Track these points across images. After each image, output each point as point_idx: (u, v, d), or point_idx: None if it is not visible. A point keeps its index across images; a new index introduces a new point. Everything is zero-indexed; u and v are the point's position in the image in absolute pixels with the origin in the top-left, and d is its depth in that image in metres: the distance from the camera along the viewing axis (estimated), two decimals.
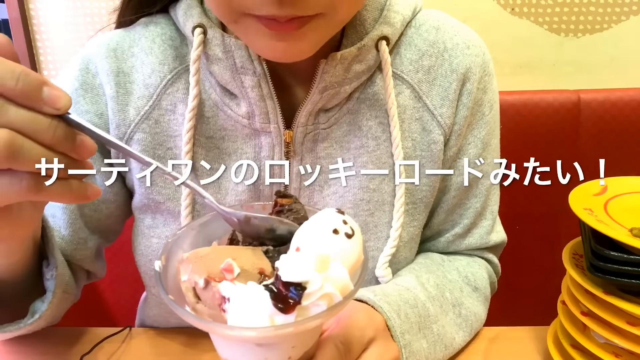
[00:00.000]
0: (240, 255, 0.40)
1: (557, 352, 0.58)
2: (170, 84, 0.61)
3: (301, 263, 0.36)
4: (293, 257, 0.37)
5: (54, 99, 0.38)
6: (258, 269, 0.39)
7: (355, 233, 0.39)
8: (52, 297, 0.55)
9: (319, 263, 0.36)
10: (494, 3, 1.08)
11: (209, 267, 0.38)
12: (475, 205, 0.68)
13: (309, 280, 0.35)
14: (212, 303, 0.37)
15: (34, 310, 0.56)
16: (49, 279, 0.56)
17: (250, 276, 0.38)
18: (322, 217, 0.39)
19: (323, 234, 0.38)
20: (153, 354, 0.66)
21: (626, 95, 1.05)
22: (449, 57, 0.63)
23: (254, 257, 0.40)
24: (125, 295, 1.14)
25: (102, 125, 0.62)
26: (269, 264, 0.40)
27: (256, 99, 0.58)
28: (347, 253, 0.38)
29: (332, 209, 0.40)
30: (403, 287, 0.61)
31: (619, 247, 0.50)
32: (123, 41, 0.63)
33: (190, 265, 0.38)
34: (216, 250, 0.41)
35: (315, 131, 0.61)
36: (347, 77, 0.59)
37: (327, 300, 0.35)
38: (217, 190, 0.62)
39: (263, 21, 0.49)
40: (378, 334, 0.50)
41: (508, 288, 0.82)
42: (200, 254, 0.39)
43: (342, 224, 0.38)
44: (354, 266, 0.38)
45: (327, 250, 0.37)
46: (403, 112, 0.62)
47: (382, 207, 0.63)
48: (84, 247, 0.66)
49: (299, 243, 0.38)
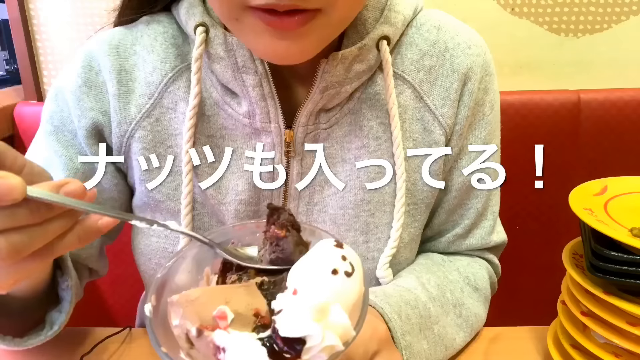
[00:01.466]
0: (233, 296, 0.38)
1: (557, 352, 0.58)
2: (172, 82, 0.61)
3: (299, 314, 0.34)
4: (290, 304, 0.35)
5: (6, 191, 0.36)
6: (253, 310, 0.37)
7: (355, 269, 0.37)
8: (69, 307, 0.56)
9: (317, 312, 0.34)
10: (494, 3, 1.08)
11: (200, 313, 0.36)
12: (476, 205, 0.68)
13: (309, 334, 0.33)
14: (206, 351, 0.36)
15: (52, 321, 0.57)
16: (64, 288, 0.57)
17: (245, 320, 0.37)
18: (320, 253, 0.38)
19: (321, 276, 0.36)
20: (153, 354, 0.65)
21: (626, 95, 1.05)
22: (450, 57, 0.63)
23: (248, 297, 0.38)
24: (125, 295, 1.14)
25: (105, 122, 0.62)
26: (264, 301, 0.38)
27: (257, 98, 0.58)
28: (346, 293, 0.36)
29: (331, 241, 0.39)
30: (404, 288, 0.61)
31: (619, 247, 0.50)
32: (125, 39, 0.63)
33: (180, 309, 0.37)
34: (207, 292, 0.39)
35: (316, 131, 0.61)
36: (348, 76, 0.59)
37: (327, 350, 0.34)
38: (217, 190, 0.62)
39: (262, 16, 0.48)
40: (382, 346, 0.50)
41: (508, 288, 0.82)
42: (191, 297, 0.37)
43: (341, 262, 0.37)
44: (355, 304, 0.37)
45: (325, 294, 0.35)
46: (404, 112, 0.62)
47: (382, 207, 0.63)
48: (89, 246, 0.66)
49: (296, 284, 0.36)
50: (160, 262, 0.64)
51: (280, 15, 0.47)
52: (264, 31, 0.49)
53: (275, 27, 0.48)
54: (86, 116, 0.61)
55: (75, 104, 0.61)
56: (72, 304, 0.57)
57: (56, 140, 0.63)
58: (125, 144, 0.62)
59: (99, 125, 0.62)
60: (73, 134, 0.62)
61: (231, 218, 0.62)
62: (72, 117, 0.62)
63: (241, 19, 0.50)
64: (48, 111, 0.64)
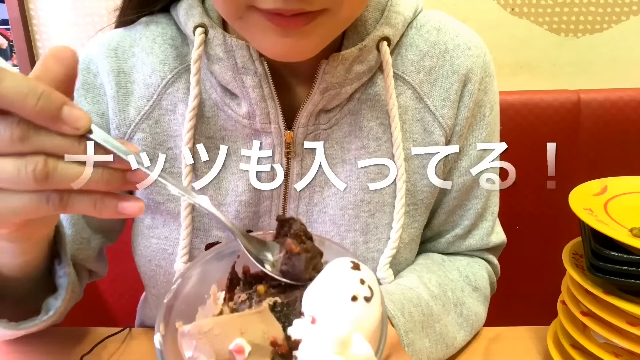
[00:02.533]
0: (248, 326, 0.36)
1: (557, 352, 0.59)
2: (171, 84, 0.61)
3: (321, 347, 0.33)
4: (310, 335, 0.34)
5: (73, 119, 0.37)
6: (269, 340, 0.36)
7: (374, 292, 0.36)
8: (65, 293, 0.55)
9: (339, 345, 0.33)
10: (494, 3, 1.08)
11: (215, 346, 0.35)
12: (476, 206, 0.68)
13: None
14: None
15: (47, 308, 0.56)
16: (61, 276, 0.56)
17: (263, 350, 0.35)
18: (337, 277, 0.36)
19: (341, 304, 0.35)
20: (153, 354, 0.65)
21: (626, 95, 1.05)
22: (450, 58, 0.63)
23: (263, 325, 0.37)
24: (125, 295, 1.14)
25: (103, 125, 0.62)
26: (279, 328, 0.37)
27: (257, 99, 0.58)
28: (367, 319, 0.35)
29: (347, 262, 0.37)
30: (406, 286, 0.61)
31: (619, 247, 0.50)
32: (124, 41, 0.63)
33: (193, 341, 0.36)
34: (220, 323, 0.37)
35: (316, 132, 0.61)
36: (348, 77, 0.59)
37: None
38: (217, 191, 0.62)
39: (268, 16, 0.48)
40: (392, 351, 0.49)
41: (508, 288, 0.82)
42: (204, 328, 0.36)
43: (359, 286, 0.35)
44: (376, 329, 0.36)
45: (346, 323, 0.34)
46: (404, 113, 0.62)
47: (382, 208, 0.63)
48: (87, 247, 0.66)
49: (314, 312, 0.35)
50: (160, 263, 0.64)
51: (287, 18, 0.48)
52: (269, 29, 0.49)
53: (282, 26, 0.49)
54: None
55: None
56: (68, 291, 0.56)
57: None
58: None
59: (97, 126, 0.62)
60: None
61: (231, 219, 0.62)
62: None
63: (245, 17, 0.50)
64: None
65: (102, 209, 0.40)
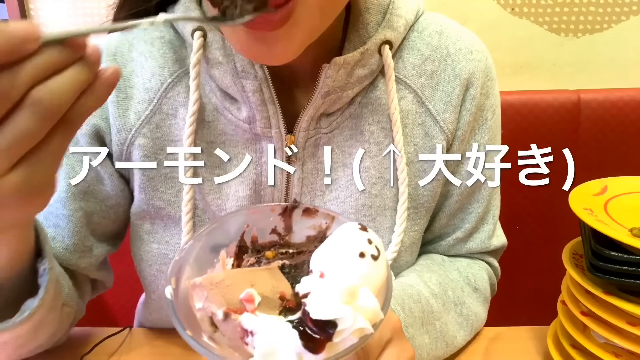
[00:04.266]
0: (258, 280, 0.38)
1: (557, 352, 0.59)
2: (171, 88, 0.61)
3: (329, 297, 0.33)
4: (319, 287, 0.35)
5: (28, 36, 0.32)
6: (278, 294, 0.37)
7: (381, 252, 0.37)
8: (44, 293, 0.51)
9: (347, 295, 0.33)
10: (494, 3, 1.08)
11: (226, 296, 0.36)
12: (477, 209, 0.68)
13: (341, 317, 0.33)
14: (232, 335, 0.35)
15: (24, 309, 0.51)
16: (42, 274, 0.52)
17: (272, 303, 0.37)
18: (346, 236, 0.37)
19: (349, 259, 0.36)
20: (153, 354, 0.66)
21: (626, 95, 1.05)
22: (452, 62, 0.63)
23: (273, 280, 0.38)
24: (125, 296, 1.14)
25: (106, 129, 0.61)
26: (288, 285, 0.38)
27: (257, 104, 0.58)
28: (374, 276, 0.36)
29: (355, 225, 0.38)
30: (407, 283, 0.61)
31: (619, 247, 0.50)
32: (122, 45, 0.63)
33: (205, 292, 0.36)
34: (231, 275, 0.39)
35: (317, 136, 0.61)
36: (350, 81, 0.58)
37: (357, 333, 0.34)
38: (218, 196, 0.61)
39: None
40: (395, 335, 0.49)
41: (508, 288, 0.82)
42: (215, 279, 0.37)
43: (367, 245, 0.36)
44: (381, 288, 0.37)
45: (353, 277, 0.35)
46: (405, 117, 0.62)
47: (383, 212, 0.63)
48: (89, 255, 0.65)
49: (323, 267, 0.36)
50: (161, 268, 0.64)
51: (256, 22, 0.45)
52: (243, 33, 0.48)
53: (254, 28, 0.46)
54: (87, 122, 0.61)
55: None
56: (47, 291, 0.52)
57: None
58: (125, 152, 0.61)
59: (101, 130, 0.61)
60: (75, 142, 0.62)
61: None
62: None
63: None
64: None
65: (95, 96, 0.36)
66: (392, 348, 0.47)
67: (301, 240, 0.43)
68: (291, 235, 0.44)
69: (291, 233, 0.44)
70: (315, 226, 0.43)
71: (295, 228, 0.44)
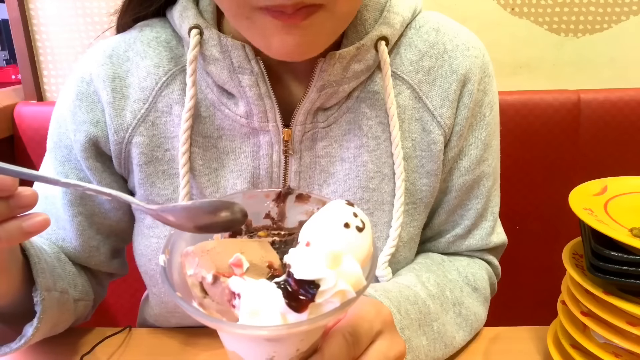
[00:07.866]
0: (248, 248, 0.39)
1: (557, 352, 0.59)
2: (166, 86, 0.62)
3: (314, 260, 0.35)
4: (304, 253, 0.36)
5: None
6: (267, 263, 0.39)
7: (366, 226, 0.38)
8: (37, 322, 0.55)
9: (331, 259, 0.35)
10: (494, 3, 1.08)
11: (216, 262, 0.37)
12: (476, 206, 0.68)
13: (323, 277, 0.34)
14: (220, 298, 0.36)
15: (22, 335, 0.56)
16: (36, 303, 0.56)
17: (259, 270, 0.38)
18: (332, 209, 0.39)
19: (334, 228, 0.37)
20: (153, 354, 0.66)
21: (626, 95, 1.05)
22: (449, 59, 0.63)
23: (262, 250, 0.40)
24: (125, 295, 1.14)
25: (99, 133, 0.62)
26: (277, 256, 0.40)
27: (254, 98, 0.59)
28: (358, 247, 0.37)
29: (342, 201, 0.40)
30: (403, 284, 0.61)
31: (619, 247, 0.50)
32: (118, 46, 0.63)
33: (196, 259, 0.38)
34: (222, 243, 0.41)
35: (314, 130, 0.61)
36: (346, 76, 0.59)
37: (340, 296, 0.35)
38: (216, 190, 0.62)
39: (272, 14, 0.49)
40: (386, 327, 0.50)
41: (508, 288, 0.82)
42: (206, 247, 0.39)
43: (352, 217, 0.38)
44: (365, 260, 0.38)
45: (338, 245, 0.36)
46: (403, 112, 0.63)
47: (381, 206, 0.63)
48: (97, 253, 0.68)
49: (309, 237, 0.37)
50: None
51: (288, 14, 0.48)
52: (274, 27, 0.50)
53: (283, 20, 0.49)
54: (80, 130, 0.62)
55: (71, 118, 0.63)
56: (42, 320, 0.56)
57: (54, 157, 0.65)
58: (124, 151, 0.63)
59: (93, 138, 0.62)
60: (69, 149, 0.64)
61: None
62: (69, 132, 0.63)
63: (252, 17, 0.50)
64: (50, 129, 0.66)
65: (10, 236, 0.42)
66: (383, 340, 0.47)
67: (293, 225, 0.45)
68: (285, 221, 0.45)
69: (285, 219, 0.45)
70: (307, 212, 0.44)
71: (289, 214, 0.45)
